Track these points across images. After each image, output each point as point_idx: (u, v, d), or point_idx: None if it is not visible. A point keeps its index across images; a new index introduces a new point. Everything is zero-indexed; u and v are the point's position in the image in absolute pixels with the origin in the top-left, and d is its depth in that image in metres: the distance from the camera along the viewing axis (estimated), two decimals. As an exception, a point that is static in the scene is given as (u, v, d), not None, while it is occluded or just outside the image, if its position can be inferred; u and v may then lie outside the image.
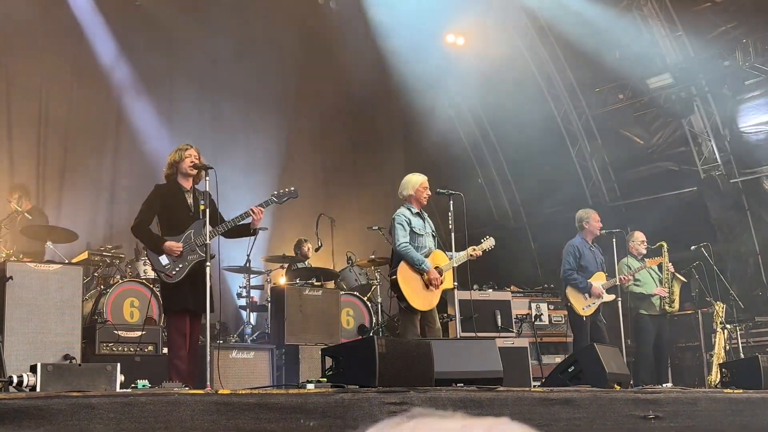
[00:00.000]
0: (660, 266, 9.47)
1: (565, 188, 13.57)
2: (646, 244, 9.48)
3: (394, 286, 7.22)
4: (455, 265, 7.30)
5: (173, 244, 6.20)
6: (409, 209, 7.43)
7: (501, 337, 9.02)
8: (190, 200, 6.42)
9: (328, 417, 3.92)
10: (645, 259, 9.37)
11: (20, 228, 8.33)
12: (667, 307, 9.31)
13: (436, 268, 7.28)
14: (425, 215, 7.58)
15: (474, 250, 7.39)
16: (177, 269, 6.18)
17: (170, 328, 6.30)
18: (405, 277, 7.19)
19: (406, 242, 7.23)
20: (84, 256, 8.38)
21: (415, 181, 7.51)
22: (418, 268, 7.20)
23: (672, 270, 9.41)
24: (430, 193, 7.52)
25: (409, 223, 7.32)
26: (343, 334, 8.74)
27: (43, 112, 10.71)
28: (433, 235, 7.54)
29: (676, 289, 9.42)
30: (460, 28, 13.01)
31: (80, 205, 10.80)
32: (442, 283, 7.28)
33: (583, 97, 13.15)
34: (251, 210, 6.32)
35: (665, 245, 9.39)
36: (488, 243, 7.69)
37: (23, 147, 10.51)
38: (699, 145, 12.24)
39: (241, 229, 6.49)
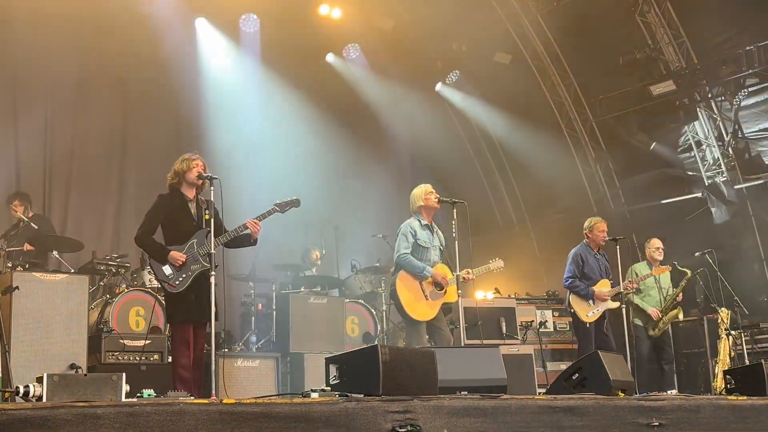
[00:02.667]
0: (668, 284, 9.46)
1: (570, 195, 13.59)
2: (661, 251, 9.47)
3: (393, 294, 7.23)
4: (457, 273, 7.28)
5: (177, 254, 6.24)
6: (419, 221, 7.43)
7: (506, 345, 9.03)
8: (193, 210, 6.45)
9: (332, 426, 3.93)
10: (651, 269, 9.36)
11: (26, 237, 8.36)
12: (650, 331, 9.28)
13: None
14: (435, 228, 7.56)
15: (468, 273, 7.36)
16: (180, 279, 6.21)
17: (175, 338, 6.32)
18: (404, 286, 7.19)
19: (407, 252, 7.23)
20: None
21: (421, 190, 7.54)
22: (420, 275, 7.21)
23: (680, 299, 9.39)
24: (438, 195, 7.53)
25: (415, 235, 7.31)
26: (348, 342, 8.76)
27: (50, 120, 10.76)
28: (440, 248, 7.52)
29: (669, 318, 9.38)
30: (464, 35, 13.04)
31: (86, 215, 10.84)
32: (447, 283, 7.28)
33: (587, 103, 13.17)
34: (247, 223, 6.36)
35: (689, 273, 9.34)
36: (496, 264, 7.67)
37: (30, 156, 10.55)
38: (703, 151, 12.24)
39: (242, 240, 6.53)
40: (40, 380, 4.02)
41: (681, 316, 9.55)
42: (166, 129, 11.72)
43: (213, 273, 6.12)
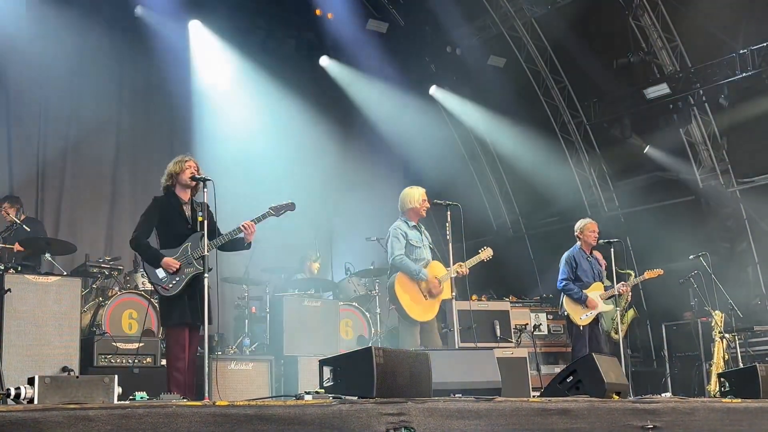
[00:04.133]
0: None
1: (564, 198, 13.60)
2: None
3: (393, 297, 7.22)
4: (453, 275, 7.29)
5: (171, 261, 6.21)
6: (406, 222, 7.44)
7: (500, 348, 9.01)
8: (188, 212, 6.43)
9: (325, 428, 3.91)
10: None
11: (18, 240, 8.33)
12: (612, 334, 9.24)
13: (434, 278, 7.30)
14: (422, 228, 7.58)
15: (460, 267, 7.35)
16: (173, 282, 6.19)
17: (169, 340, 6.30)
18: (403, 287, 7.19)
19: (401, 254, 7.23)
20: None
21: (416, 195, 7.49)
22: (415, 278, 7.21)
23: (629, 299, 9.39)
24: (428, 204, 7.53)
25: (406, 236, 7.32)
26: (342, 344, 8.73)
27: (43, 123, 10.73)
28: (430, 246, 7.54)
29: (627, 319, 9.39)
30: (459, 38, 13.05)
31: (79, 217, 10.80)
32: (441, 291, 7.29)
33: (580, 107, 13.19)
34: (242, 225, 6.34)
35: (633, 274, 9.34)
36: (486, 253, 7.68)
37: (22, 158, 10.52)
38: (697, 154, 12.27)
39: (237, 243, 6.50)
40: (31, 382, 3.99)
41: (636, 314, 9.74)
42: (159, 131, 11.69)
43: (206, 276, 6.10)
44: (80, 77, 10.98)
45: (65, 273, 7.98)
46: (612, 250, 8.81)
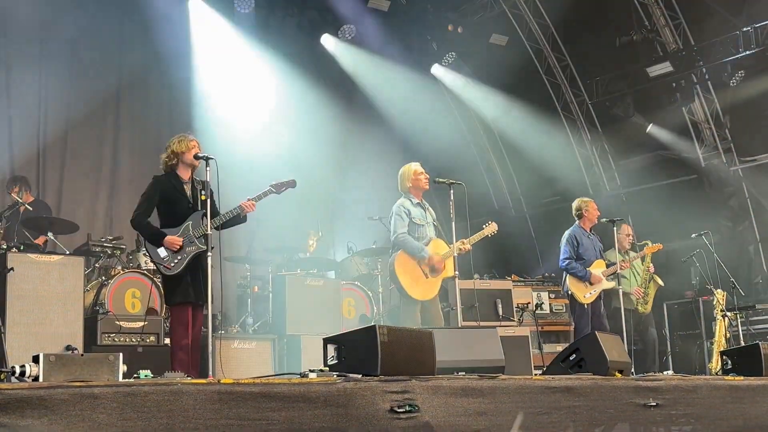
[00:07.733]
0: (638, 263, 9.48)
1: (566, 177, 13.58)
2: (631, 238, 9.50)
3: (392, 276, 7.21)
4: (455, 254, 7.27)
5: (174, 239, 6.20)
6: (410, 199, 7.41)
7: (502, 326, 9.01)
8: (189, 191, 6.41)
9: (330, 406, 3.92)
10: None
11: (21, 219, 8.33)
12: (640, 308, 9.31)
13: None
14: (426, 205, 7.54)
15: (463, 243, 7.33)
16: (175, 261, 6.18)
17: (172, 319, 6.31)
18: (403, 266, 7.17)
19: (404, 232, 7.20)
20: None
21: (410, 171, 7.49)
22: (417, 256, 7.18)
23: (652, 271, 9.41)
24: (428, 175, 7.49)
25: (409, 214, 7.29)
26: (345, 323, 8.75)
27: (43, 102, 10.69)
28: (434, 224, 7.52)
29: (652, 291, 9.43)
30: (460, 16, 12.98)
31: (80, 197, 10.80)
32: (444, 268, 7.27)
33: (583, 85, 13.13)
34: (242, 205, 6.34)
35: (650, 244, 9.36)
36: (490, 228, 7.65)
37: (23, 138, 10.49)
38: (699, 132, 12.23)
39: (233, 219, 6.48)
40: (36, 360, 3.99)
41: (661, 282, 9.59)
42: (160, 110, 11.65)
43: (210, 254, 6.10)
44: (80, 55, 10.93)
45: (68, 252, 7.97)
46: (615, 228, 8.83)
